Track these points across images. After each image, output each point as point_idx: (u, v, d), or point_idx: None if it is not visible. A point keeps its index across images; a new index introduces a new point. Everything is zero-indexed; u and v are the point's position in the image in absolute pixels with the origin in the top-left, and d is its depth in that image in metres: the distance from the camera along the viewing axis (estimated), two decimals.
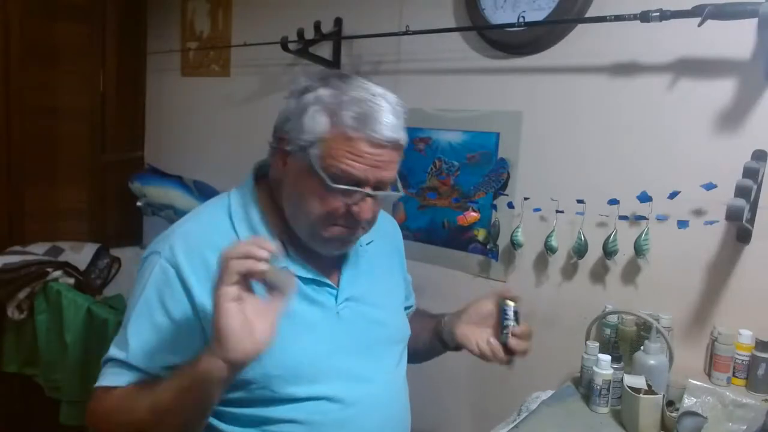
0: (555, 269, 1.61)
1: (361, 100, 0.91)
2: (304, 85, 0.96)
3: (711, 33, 1.26)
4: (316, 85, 0.94)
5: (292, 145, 0.93)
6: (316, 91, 0.93)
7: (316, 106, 0.92)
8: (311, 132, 0.91)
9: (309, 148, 0.91)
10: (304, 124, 0.92)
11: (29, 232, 2.44)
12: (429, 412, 1.84)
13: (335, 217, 0.95)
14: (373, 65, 1.92)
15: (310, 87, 0.94)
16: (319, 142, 0.91)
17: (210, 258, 0.93)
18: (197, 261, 0.94)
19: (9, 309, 2.11)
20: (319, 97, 0.92)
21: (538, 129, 1.61)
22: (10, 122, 2.38)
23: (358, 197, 0.93)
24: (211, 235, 0.97)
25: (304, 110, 0.92)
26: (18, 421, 2.40)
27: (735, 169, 1.24)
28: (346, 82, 0.94)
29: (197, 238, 0.97)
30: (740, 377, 1.29)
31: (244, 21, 2.34)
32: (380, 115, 0.90)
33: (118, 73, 2.66)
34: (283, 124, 0.96)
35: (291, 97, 0.97)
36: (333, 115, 0.90)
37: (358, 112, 0.90)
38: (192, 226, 1.00)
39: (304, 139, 0.92)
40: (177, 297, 0.94)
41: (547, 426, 1.20)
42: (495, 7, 1.62)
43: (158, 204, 2.50)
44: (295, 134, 0.93)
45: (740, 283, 1.34)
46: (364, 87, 0.93)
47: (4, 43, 2.34)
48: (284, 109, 0.97)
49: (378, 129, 0.90)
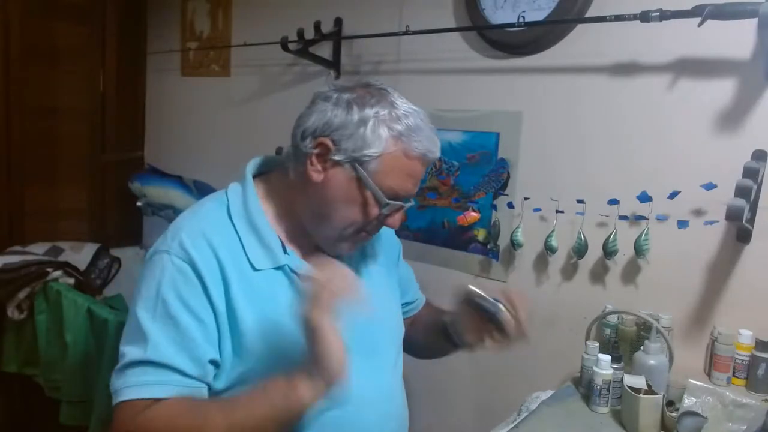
0: (555, 269, 1.61)
1: (413, 116, 0.94)
2: (350, 95, 0.95)
3: (711, 33, 1.26)
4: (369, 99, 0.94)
5: (343, 155, 0.93)
6: (373, 106, 0.93)
7: (376, 120, 0.93)
8: (372, 147, 0.92)
9: (367, 162, 0.93)
10: (365, 137, 0.92)
11: (29, 232, 2.44)
12: (429, 412, 1.84)
13: (368, 224, 0.98)
14: (373, 65, 1.92)
15: (362, 100, 0.94)
16: (379, 158, 0.93)
17: (220, 255, 0.94)
18: (210, 257, 0.94)
19: (9, 309, 2.10)
20: (379, 114, 0.93)
21: (538, 129, 1.61)
22: (10, 122, 2.38)
23: (395, 209, 0.97)
24: (215, 231, 0.97)
25: (363, 123, 0.93)
26: (18, 421, 2.40)
27: (735, 169, 1.24)
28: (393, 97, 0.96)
29: (204, 234, 0.96)
30: (740, 377, 1.29)
31: (244, 21, 2.34)
32: (429, 134, 0.95)
33: (118, 73, 2.66)
34: (326, 131, 0.94)
35: (333, 104, 0.95)
36: (395, 132, 0.93)
37: (415, 132, 0.94)
38: (194, 223, 0.99)
39: (363, 152, 0.92)
40: (197, 293, 0.92)
41: (547, 426, 1.20)
42: (495, 7, 1.62)
43: (158, 204, 2.50)
44: (348, 145, 0.93)
45: (740, 283, 1.34)
46: (407, 103, 0.97)
47: (4, 43, 2.33)
48: (329, 115, 0.95)
49: (431, 148, 0.95)
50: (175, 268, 0.93)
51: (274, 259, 0.98)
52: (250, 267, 0.96)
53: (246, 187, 1.02)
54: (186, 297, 0.92)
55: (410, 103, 0.97)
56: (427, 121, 0.97)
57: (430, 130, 0.96)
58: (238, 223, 0.99)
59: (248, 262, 0.96)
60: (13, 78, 2.37)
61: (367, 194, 0.95)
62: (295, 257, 1.01)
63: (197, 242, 0.94)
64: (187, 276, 0.92)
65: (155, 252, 0.97)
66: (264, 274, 0.97)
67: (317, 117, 0.96)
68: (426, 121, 0.97)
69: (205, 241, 0.95)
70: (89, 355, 1.94)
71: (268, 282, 0.97)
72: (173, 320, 0.91)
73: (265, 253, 0.98)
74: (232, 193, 1.03)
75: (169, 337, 0.90)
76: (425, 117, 0.97)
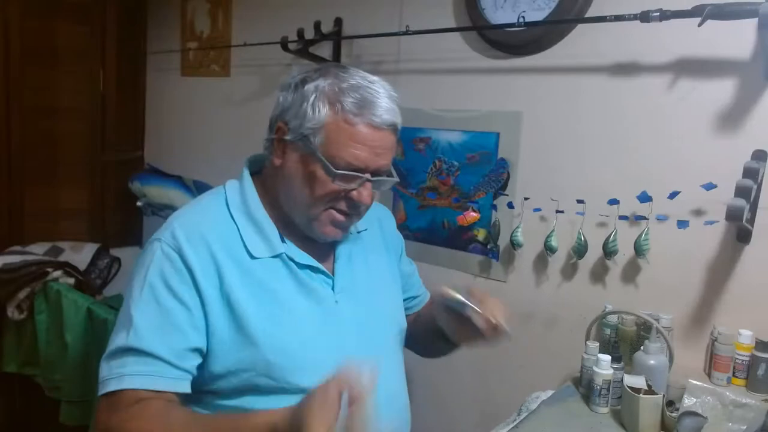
0: (555, 269, 1.61)
1: (359, 87, 0.95)
2: (300, 76, 0.98)
3: (711, 33, 1.26)
4: (315, 75, 0.97)
5: (293, 134, 0.96)
6: (315, 81, 0.95)
7: (316, 94, 0.94)
8: (313, 120, 0.94)
9: (311, 136, 0.94)
10: (305, 112, 0.94)
11: (29, 232, 2.44)
12: (429, 412, 1.84)
13: (333, 201, 0.97)
14: (373, 65, 1.92)
15: (308, 78, 0.97)
16: (321, 130, 0.94)
17: (213, 247, 0.96)
18: (201, 247, 0.95)
19: (9, 309, 2.10)
20: (319, 86, 0.95)
21: (538, 129, 1.61)
22: (10, 122, 2.38)
23: (358, 182, 0.96)
24: (211, 223, 0.99)
25: (304, 99, 0.95)
26: (18, 421, 2.40)
27: (735, 169, 1.24)
28: (343, 71, 0.97)
29: (198, 225, 0.98)
30: (740, 377, 1.29)
31: (244, 21, 2.34)
32: (379, 100, 0.95)
33: (118, 73, 2.65)
34: (280, 115, 0.99)
35: (287, 89, 0.99)
36: (334, 102, 0.94)
37: (357, 99, 0.93)
38: (191, 215, 1.02)
39: (306, 127, 0.94)
40: (184, 280, 0.93)
41: (547, 426, 1.20)
42: (495, 7, 1.62)
43: (158, 204, 2.50)
44: (295, 123, 0.95)
45: (740, 283, 1.34)
46: (360, 75, 0.97)
47: (4, 43, 2.33)
48: (281, 100, 0.99)
49: (378, 113, 0.94)
50: (164, 255, 0.94)
51: (272, 248, 1.00)
52: (248, 255, 0.98)
53: (243, 181, 1.05)
54: (172, 283, 0.93)
55: (368, 75, 0.98)
56: (388, 91, 0.97)
57: (386, 99, 0.96)
58: (236, 214, 1.01)
59: (246, 250, 0.98)
60: (13, 78, 2.37)
61: (318, 168, 0.95)
62: (292, 246, 1.02)
63: (189, 232, 0.96)
64: (175, 264, 0.94)
65: (149, 241, 0.99)
66: (262, 262, 0.99)
67: (275, 105, 1.00)
68: (385, 90, 0.97)
69: (197, 232, 0.96)
70: (89, 356, 1.95)
71: (267, 269, 0.99)
72: (158, 305, 0.92)
73: (263, 242, 1.00)
74: (229, 187, 1.06)
75: (152, 322, 0.91)
76: (382, 86, 0.97)
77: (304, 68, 1.03)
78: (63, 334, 1.99)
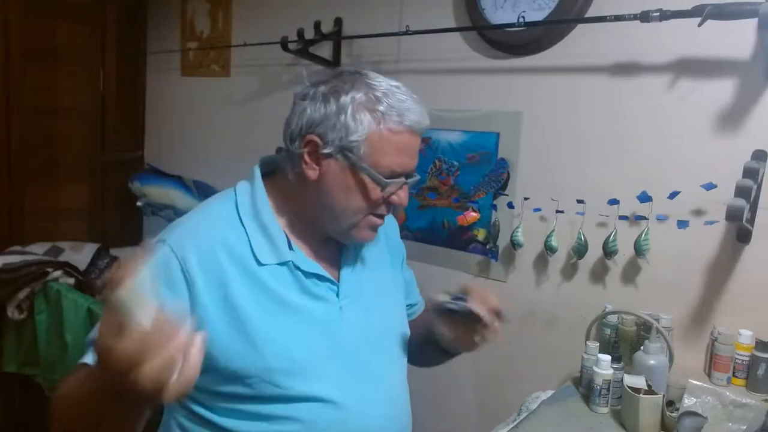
0: (555, 269, 1.61)
1: (392, 93, 0.96)
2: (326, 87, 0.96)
3: (711, 33, 1.26)
4: (346, 87, 0.96)
5: (331, 147, 0.95)
6: (350, 92, 0.95)
7: (353, 106, 0.94)
8: (356, 132, 0.94)
9: (354, 148, 0.94)
10: (346, 125, 0.94)
11: (29, 232, 2.44)
12: (429, 412, 1.84)
13: (375, 208, 0.99)
14: (373, 65, 1.92)
15: (339, 88, 0.96)
16: (365, 141, 0.94)
17: (220, 253, 0.95)
18: (207, 255, 0.94)
19: (9, 309, 2.10)
20: (355, 98, 0.94)
21: (538, 129, 1.61)
22: (10, 122, 2.38)
23: (398, 186, 0.99)
24: (220, 228, 0.98)
25: (341, 112, 0.94)
26: (18, 421, 2.40)
27: (735, 169, 1.24)
28: (369, 78, 0.97)
29: (207, 232, 0.97)
30: (740, 377, 1.29)
31: (244, 21, 2.34)
32: (411, 105, 0.97)
33: (118, 73, 2.65)
34: (310, 128, 0.96)
35: (315, 100, 0.96)
36: (374, 112, 0.94)
37: (395, 106, 0.95)
38: (201, 220, 1.00)
39: (349, 140, 0.94)
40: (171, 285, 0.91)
41: (547, 426, 1.20)
42: (495, 7, 1.62)
43: (158, 204, 2.50)
44: (334, 136, 0.95)
45: (740, 283, 1.34)
46: (383, 80, 0.98)
47: (4, 43, 2.33)
48: (309, 113, 0.96)
49: (415, 119, 0.97)
50: (164, 255, 0.93)
51: (279, 255, 0.99)
52: (256, 261, 0.97)
53: (255, 185, 1.03)
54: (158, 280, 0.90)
55: (389, 80, 0.98)
56: (409, 94, 0.98)
57: (414, 102, 0.97)
58: (246, 219, 0.99)
59: (254, 257, 0.97)
60: (13, 78, 2.37)
61: (364, 178, 0.96)
62: (300, 254, 1.01)
63: (195, 237, 0.95)
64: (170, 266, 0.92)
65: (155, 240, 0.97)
66: (269, 269, 0.98)
67: (299, 117, 0.98)
68: (408, 93, 0.98)
69: (205, 237, 0.95)
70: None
71: (273, 276, 0.98)
72: None
73: (271, 248, 0.98)
74: (240, 191, 1.04)
75: None
76: (406, 90, 0.98)
77: (319, 76, 1.01)
78: (63, 334, 1.99)
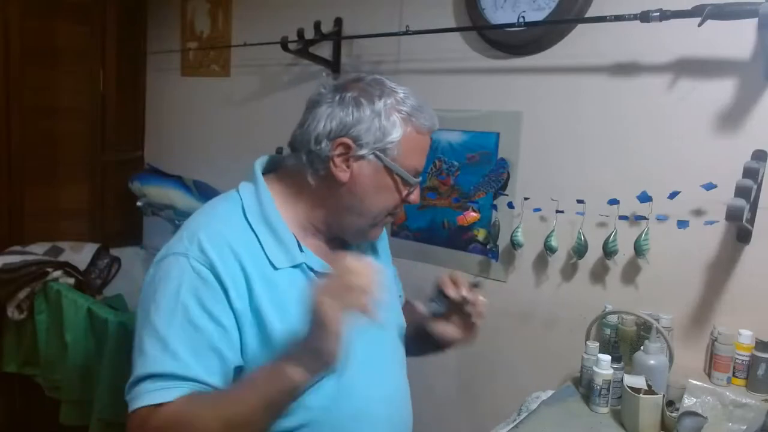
0: (555, 269, 1.61)
1: (409, 96, 1.01)
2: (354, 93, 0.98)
3: (711, 33, 1.26)
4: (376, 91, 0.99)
5: (366, 149, 0.98)
6: (382, 97, 0.99)
7: (386, 109, 0.98)
8: (393, 134, 0.98)
9: (389, 150, 0.98)
10: (383, 128, 0.98)
11: (29, 232, 2.44)
12: (429, 412, 1.84)
13: (398, 207, 1.05)
14: (373, 65, 1.92)
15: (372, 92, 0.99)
16: (400, 143, 0.99)
17: (241, 256, 0.94)
18: (230, 260, 0.93)
19: (9, 309, 2.10)
20: (387, 102, 0.99)
21: (538, 129, 1.61)
22: (10, 122, 2.38)
23: (414, 186, 1.04)
24: (235, 232, 0.96)
25: (376, 115, 0.98)
26: (18, 421, 2.40)
27: (735, 169, 1.24)
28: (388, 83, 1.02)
29: (224, 236, 0.95)
30: (740, 377, 1.29)
31: (244, 21, 2.34)
32: (427, 108, 1.02)
33: (118, 73, 2.66)
34: (341, 131, 0.97)
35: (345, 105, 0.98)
36: (405, 115, 0.99)
37: (419, 110, 1.00)
38: (212, 225, 0.97)
39: (386, 141, 0.98)
40: (218, 298, 0.91)
41: (547, 426, 1.20)
42: (495, 7, 1.62)
43: (158, 204, 2.49)
44: (369, 139, 0.98)
45: (740, 283, 1.34)
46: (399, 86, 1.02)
47: (4, 43, 2.33)
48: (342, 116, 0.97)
49: (434, 121, 1.03)
50: (195, 272, 0.91)
51: (292, 258, 0.98)
52: (271, 266, 0.96)
53: (258, 187, 1.02)
54: (208, 304, 0.90)
55: (400, 85, 1.03)
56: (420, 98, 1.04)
57: (427, 105, 1.03)
58: (255, 222, 0.98)
59: (268, 261, 0.96)
60: (13, 78, 2.37)
61: (395, 178, 1.01)
62: (310, 254, 1.01)
63: (217, 245, 0.93)
64: (208, 281, 0.91)
65: (171, 254, 0.94)
66: (284, 272, 0.97)
67: (327, 120, 0.98)
68: (419, 97, 1.03)
69: (226, 243, 0.93)
70: (89, 355, 1.95)
71: (288, 280, 0.97)
72: (194, 327, 0.89)
73: (283, 252, 0.98)
74: (245, 193, 1.02)
75: (189, 346, 0.88)
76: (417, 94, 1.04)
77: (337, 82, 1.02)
78: (63, 334, 1.99)
